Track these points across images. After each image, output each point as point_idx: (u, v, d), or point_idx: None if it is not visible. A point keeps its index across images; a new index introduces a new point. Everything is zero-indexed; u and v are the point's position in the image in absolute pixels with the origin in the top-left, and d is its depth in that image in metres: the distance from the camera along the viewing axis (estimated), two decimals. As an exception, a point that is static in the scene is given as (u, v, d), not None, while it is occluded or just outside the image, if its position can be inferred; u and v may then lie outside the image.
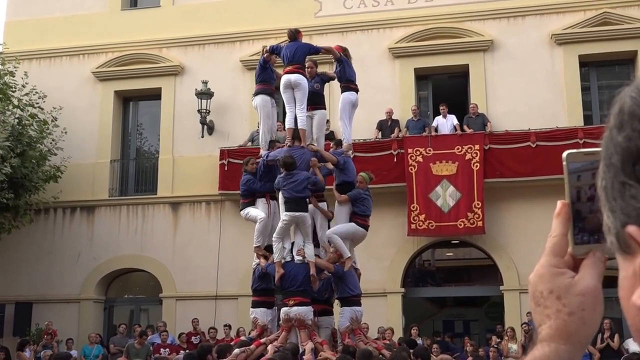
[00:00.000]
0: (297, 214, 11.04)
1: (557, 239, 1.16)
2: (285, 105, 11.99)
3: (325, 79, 12.69)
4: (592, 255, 1.13)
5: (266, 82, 12.29)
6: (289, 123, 11.79)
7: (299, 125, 11.78)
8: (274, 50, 12.20)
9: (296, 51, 11.88)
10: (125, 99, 22.01)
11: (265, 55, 12.29)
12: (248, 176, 12.08)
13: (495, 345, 16.59)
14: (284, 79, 11.85)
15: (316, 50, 12.32)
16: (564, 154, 1.13)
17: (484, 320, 21.09)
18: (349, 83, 12.41)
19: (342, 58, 12.33)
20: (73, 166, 20.19)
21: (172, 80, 21.13)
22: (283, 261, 11.24)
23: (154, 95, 21.39)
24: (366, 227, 11.90)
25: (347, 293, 11.49)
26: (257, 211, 11.80)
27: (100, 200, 20.67)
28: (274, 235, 11.36)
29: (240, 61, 20.57)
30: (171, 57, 21.23)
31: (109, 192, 20.86)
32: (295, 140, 11.68)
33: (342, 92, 12.45)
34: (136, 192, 21.15)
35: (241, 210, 12.17)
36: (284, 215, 11.16)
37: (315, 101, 12.31)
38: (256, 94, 12.32)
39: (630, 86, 1.01)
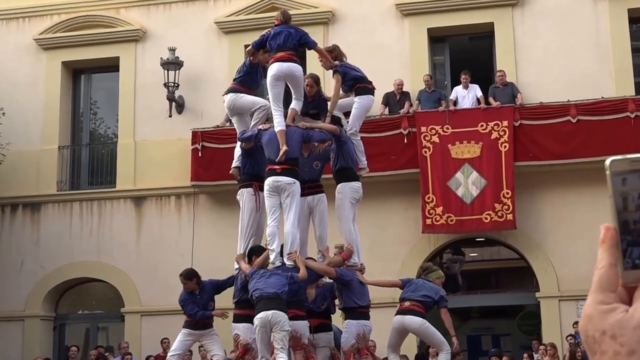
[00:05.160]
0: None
1: (604, 271, 1.14)
2: (272, 103, 11.47)
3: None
4: None
5: (246, 86, 12.01)
6: (280, 125, 11.41)
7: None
8: (259, 46, 11.92)
9: (288, 37, 11.61)
10: (76, 72, 21.94)
11: (251, 58, 12.00)
12: (185, 294, 12.55)
13: None
14: (274, 68, 11.45)
15: (308, 43, 11.97)
16: (607, 162, 1.12)
17: (517, 335, 21.09)
18: (366, 83, 12.18)
19: (339, 66, 11.99)
20: (13, 154, 20.07)
21: (133, 47, 21.05)
22: (272, 266, 11.17)
23: (111, 66, 21.29)
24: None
25: (354, 303, 11.45)
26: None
27: (47, 195, 20.62)
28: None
29: (215, 23, 20.48)
30: (130, 20, 21.13)
31: (58, 185, 20.81)
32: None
33: (357, 94, 12.15)
34: (91, 185, 21.12)
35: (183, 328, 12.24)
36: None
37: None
38: (230, 92, 12.04)
39: None
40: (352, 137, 12.00)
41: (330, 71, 12.26)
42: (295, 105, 11.61)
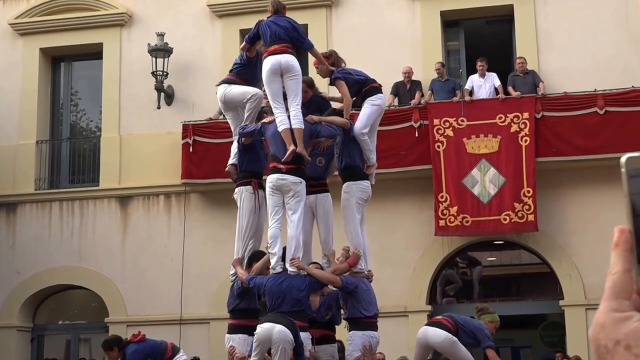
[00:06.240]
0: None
1: (617, 277, 1.18)
2: (272, 100, 11.41)
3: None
4: None
5: (243, 78, 12.01)
6: (283, 124, 11.38)
7: (294, 125, 11.49)
8: (253, 39, 11.89)
9: (282, 30, 11.56)
10: (55, 59, 21.98)
11: (247, 53, 12.02)
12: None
13: None
14: (270, 62, 11.40)
15: (303, 44, 11.88)
16: (623, 159, 1.16)
17: (538, 347, 21.11)
18: (371, 84, 12.15)
19: (338, 72, 11.94)
20: (-14, 150, 20.16)
21: (117, 32, 21.07)
22: (272, 272, 11.15)
23: (94, 53, 21.33)
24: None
25: (359, 313, 11.43)
26: None
27: (23, 194, 20.65)
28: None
29: (208, 6, 20.48)
30: (115, 3, 21.13)
31: (36, 183, 20.83)
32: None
33: (365, 98, 12.13)
34: (71, 184, 21.14)
35: None
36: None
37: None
38: (224, 83, 12.05)
39: None
40: (360, 137, 11.93)
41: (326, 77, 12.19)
42: (299, 123, 11.32)
